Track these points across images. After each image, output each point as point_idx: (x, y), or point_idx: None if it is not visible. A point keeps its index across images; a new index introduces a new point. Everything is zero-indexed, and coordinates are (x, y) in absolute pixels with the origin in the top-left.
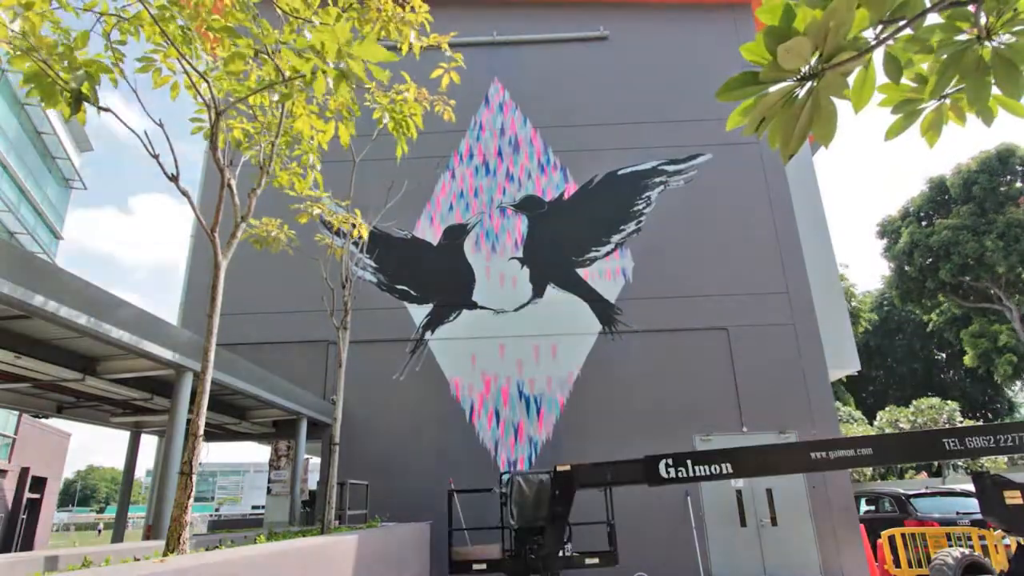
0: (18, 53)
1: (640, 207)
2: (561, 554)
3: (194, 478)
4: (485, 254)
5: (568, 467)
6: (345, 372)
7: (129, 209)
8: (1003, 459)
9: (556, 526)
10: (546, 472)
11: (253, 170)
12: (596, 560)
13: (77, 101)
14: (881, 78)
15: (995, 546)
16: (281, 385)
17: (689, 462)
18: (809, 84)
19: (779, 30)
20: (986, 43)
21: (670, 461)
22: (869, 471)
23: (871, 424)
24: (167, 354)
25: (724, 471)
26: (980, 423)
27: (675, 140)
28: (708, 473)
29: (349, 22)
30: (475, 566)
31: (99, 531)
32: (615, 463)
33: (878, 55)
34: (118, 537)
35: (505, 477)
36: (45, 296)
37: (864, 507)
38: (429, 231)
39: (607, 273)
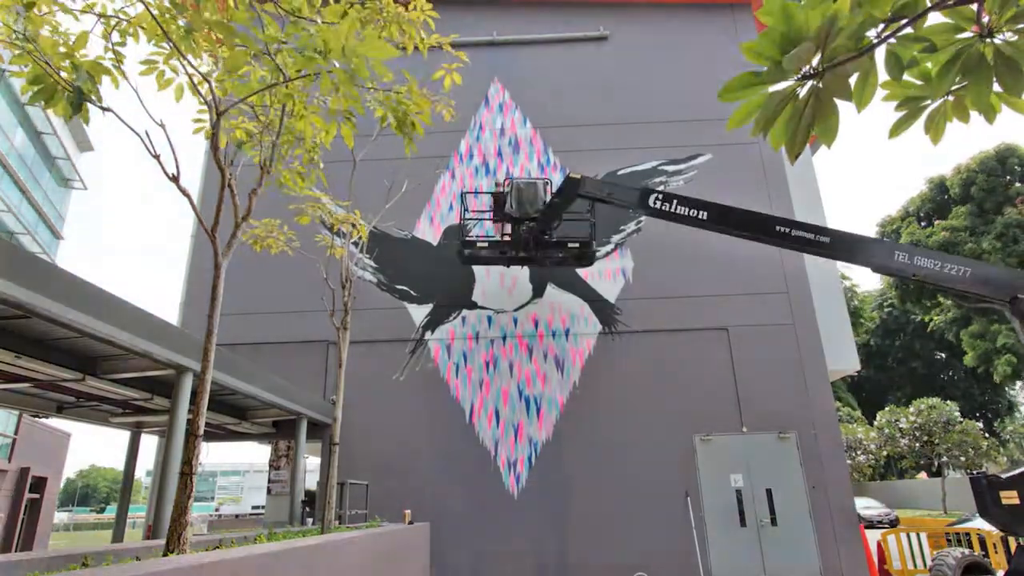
0: (18, 52)
1: None
2: (547, 239)
3: (194, 478)
4: None
5: (578, 176)
6: (345, 372)
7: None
8: (1002, 459)
9: (549, 213)
10: (540, 179)
11: (254, 170)
12: (576, 245)
13: (79, 101)
14: (883, 76)
15: (994, 545)
16: (281, 385)
17: (674, 201)
18: (810, 83)
19: (783, 32)
20: (987, 41)
21: (660, 196)
22: (869, 470)
23: (871, 424)
24: (167, 354)
25: (700, 216)
26: (979, 423)
27: (675, 140)
28: (686, 215)
29: (353, 22)
30: (479, 244)
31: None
32: (616, 184)
33: (880, 53)
34: (118, 537)
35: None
36: (45, 296)
37: None
38: (429, 231)
39: (607, 273)
